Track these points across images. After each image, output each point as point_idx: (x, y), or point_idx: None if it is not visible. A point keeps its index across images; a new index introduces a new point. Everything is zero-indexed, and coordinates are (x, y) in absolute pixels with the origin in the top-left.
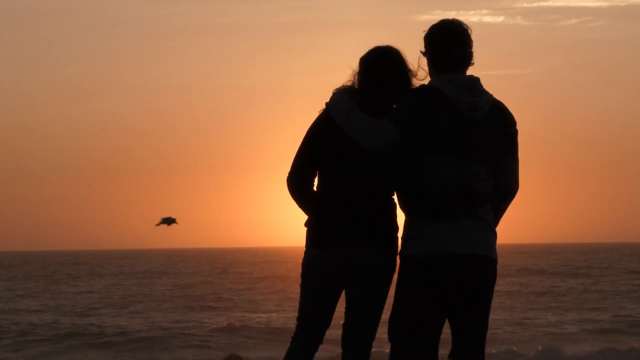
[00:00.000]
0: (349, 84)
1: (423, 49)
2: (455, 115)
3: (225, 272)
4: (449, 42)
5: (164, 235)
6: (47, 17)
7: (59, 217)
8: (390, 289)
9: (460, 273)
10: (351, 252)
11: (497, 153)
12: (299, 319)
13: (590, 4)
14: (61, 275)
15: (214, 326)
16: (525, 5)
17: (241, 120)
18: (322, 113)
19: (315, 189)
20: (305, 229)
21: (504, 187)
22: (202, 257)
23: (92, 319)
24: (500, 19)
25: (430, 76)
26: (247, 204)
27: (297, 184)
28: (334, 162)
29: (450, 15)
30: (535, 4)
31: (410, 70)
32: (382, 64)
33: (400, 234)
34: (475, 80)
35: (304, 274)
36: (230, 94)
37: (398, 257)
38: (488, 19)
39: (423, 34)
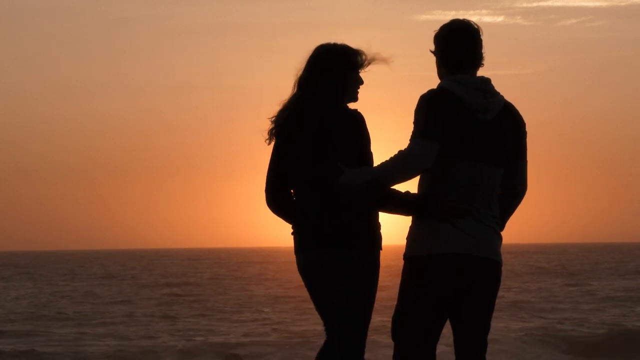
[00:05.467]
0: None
1: (432, 48)
2: (469, 118)
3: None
4: (460, 43)
5: (164, 236)
6: (47, 17)
7: (59, 217)
8: (388, 289)
9: (462, 275)
10: (327, 254)
11: (508, 155)
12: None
13: (590, 4)
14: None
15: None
16: (525, 5)
17: (241, 120)
18: (274, 147)
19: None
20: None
21: (513, 188)
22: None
23: None
24: (500, 18)
25: (440, 76)
26: (248, 204)
27: (271, 200)
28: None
29: (449, 15)
30: (535, 4)
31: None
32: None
33: (406, 231)
34: (487, 82)
35: (302, 279)
36: (231, 94)
37: (404, 258)
38: (488, 19)
39: (434, 33)
